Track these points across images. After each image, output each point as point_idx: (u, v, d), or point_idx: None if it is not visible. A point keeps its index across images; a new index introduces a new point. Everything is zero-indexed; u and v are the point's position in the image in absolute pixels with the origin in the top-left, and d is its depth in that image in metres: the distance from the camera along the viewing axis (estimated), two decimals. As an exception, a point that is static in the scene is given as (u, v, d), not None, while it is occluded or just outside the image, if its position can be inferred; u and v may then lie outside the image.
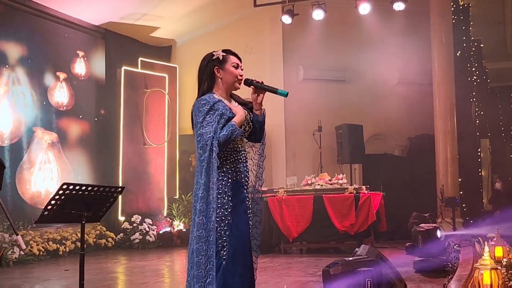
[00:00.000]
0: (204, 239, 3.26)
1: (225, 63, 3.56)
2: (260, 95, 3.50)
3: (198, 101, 3.41)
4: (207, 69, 3.57)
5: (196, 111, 3.37)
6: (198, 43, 12.38)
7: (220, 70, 3.55)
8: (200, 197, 3.30)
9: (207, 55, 3.65)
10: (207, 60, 3.61)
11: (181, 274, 7.95)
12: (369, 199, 8.92)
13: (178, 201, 11.48)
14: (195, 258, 3.30)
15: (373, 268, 4.11)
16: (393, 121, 12.13)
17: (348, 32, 11.73)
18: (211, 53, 3.61)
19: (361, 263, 4.17)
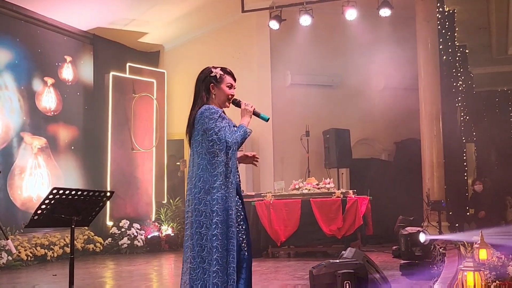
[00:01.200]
0: (224, 235, 3.58)
1: (221, 82, 3.88)
2: (244, 115, 3.91)
3: (207, 110, 3.70)
4: (204, 83, 3.87)
5: (206, 119, 3.67)
6: (186, 49, 12.45)
7: (215, 87, 3.86)
8: (215, 199, 3.62)
9: (206, 69, 3.92)
10: (206, 75, 3.89)
11: (169, 279, 7.99)
12: (356, 203, 9.01)
13: (166, 206, 11.51)
14: (214, 255, 3.56)
15: (353, 270, 4.15)
16: (379, 126, 12.24)
17: (335, 37, 11.83)
18: (210, 69, 3.89)
19: (343, 265, 4.22)
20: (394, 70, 11.97)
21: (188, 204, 3.77)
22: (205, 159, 3.70)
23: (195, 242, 3.66)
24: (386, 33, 11.45)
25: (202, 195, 3.66)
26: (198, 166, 3.71)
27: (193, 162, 3.77)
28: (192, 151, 3.80)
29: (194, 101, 3.90)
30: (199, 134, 3.74)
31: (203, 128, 3.70)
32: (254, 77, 11.59)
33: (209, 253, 3.61)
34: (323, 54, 11.85)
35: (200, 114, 3.72)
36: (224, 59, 11.97)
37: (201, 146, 3.72)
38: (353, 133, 11.40)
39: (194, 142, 3.77)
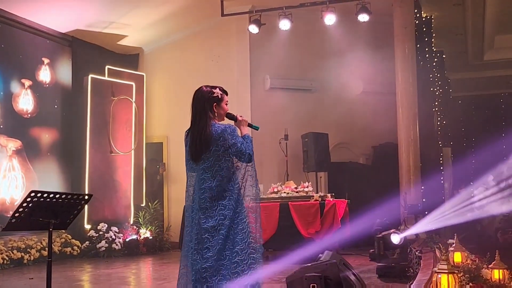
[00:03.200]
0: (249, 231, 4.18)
1: (221, 101, 4.30)
2: (243, 126, 4.40)
3: (228, 128, 4.18)
4: (208, 103, 4.25)
5: (229, 135, 4.13)
6: (165, 52, 12.44)
7: (217, 106, 4.27)
8: (243, 208, 4.20)
9: (207, 91, 4.29)
10: (208, 95, 4.27)
11: (147, 282, 7.98)
12: (334, 207, 9.06)
13: (144, 209, 11.48)
14: (248, 250, 4.08)
15: (320, 272, 4.17)
16: (357, 130, 12.33)
17: (314, 42, 11.92)
18: (211, 90, 4.29)
19: (313, 268, 4.24)
20: (372, 75, 12.09)
21: (204, 211, 4.11)
22: (227, 170, 4.15)
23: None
24: (365, 38, 11.56)
25: (222, 201, 4.10)
26: (219, 177, 4.12)
27: (209, 174, 4.14)
28: (209, 164, 4.15)
29: (198, 117, 4.23)
30: (221, 150, 4.13)
31: (227, 143, 4.12)
32: (233, 81, 11.61)
33: (241, 252, 4.08)
34: (302, 59, 11.93)
35: (222, 132, 4.14)
36: (203, 62, 12.02)
37: (224, 159, 4.15)
38: (331, 137, 11.47)
39: (211, 157, 4.14)
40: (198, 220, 4.12)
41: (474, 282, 4.93)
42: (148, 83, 12.22)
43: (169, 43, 12.37)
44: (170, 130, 12.12)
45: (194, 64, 12.15)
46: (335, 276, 4.15)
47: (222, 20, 11.32)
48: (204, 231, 4.07)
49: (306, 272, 4.31)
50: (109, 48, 11.93)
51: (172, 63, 12.36)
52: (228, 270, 3.99)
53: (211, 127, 4.16)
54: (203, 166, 4.16)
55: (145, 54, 12.59)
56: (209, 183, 4.11)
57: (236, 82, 11.68)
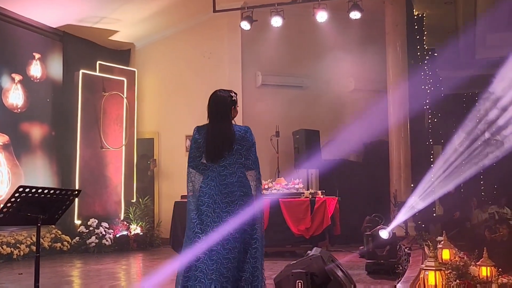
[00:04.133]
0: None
1: (236, 104, 4.66)
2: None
3: (249, 128, 4.59)
4: (229, 105, 4.58)
5: (250, 135, 4.53)
6: (157, 47, 12.42)
7: (234, 109, 4.63)
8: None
9: (227, 94, 4.63)
10: (229, 97, 4.61)
11: (137, 278, 7.98)
12: (325, 204, 9.09)
13: (135, 204, 11.46)
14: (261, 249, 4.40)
15: (305, 268, 4.17)
16: (349, 127, 12.34)
17: (306, 39, 11.93)
18: (230, 93, 4.63)
19: (298, 264, 4.24)
20: (363, 72, 12.12)
21: (223, 206, 4.37)
22: (247, 167, 4.50)
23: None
24: (356, 35, 11.59)
25: (244, 196, 4.41)
26: (240, 173, 4.46)
27: (229, 171, 4.43)
28: (231, 161, 4.45)
29: (220, 118, 4.50)
30: (243, 148, 4.48)
31: (251, 143, 4.51)
32: (224, 77, 11.62)
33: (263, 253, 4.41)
34: (294, 55, 11.94)
35: (245, 132, 4.51)
36: (195, 58, 12.01)
37: (246, 158, 4.49)
38: (322, 134, 11.50)
39: (235, 154, 4.46)
40: (219, 214, 4.34)
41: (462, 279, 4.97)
42: (140, 78, 12.20)
43: (161, 39, 12.35)
44: (161, 126, 12.13)
45: (185, 60, 12.14)
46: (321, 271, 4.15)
47: (214, 16, 11.31)
48: (225, 224, 4.32)
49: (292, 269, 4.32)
50: (100, 44, 11.88)
51: (163, 59, 12.34)
52: (249, 264, 4.30)
53: (233, 127, 4.50)
54: (225, 163, 4.43)
55: (137, 49, 12.56)
56: (231, 179, 4.40)
57: (228, 78, 11.67)
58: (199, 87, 11.83)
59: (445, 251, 5.99)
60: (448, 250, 6.02)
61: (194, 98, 11.87)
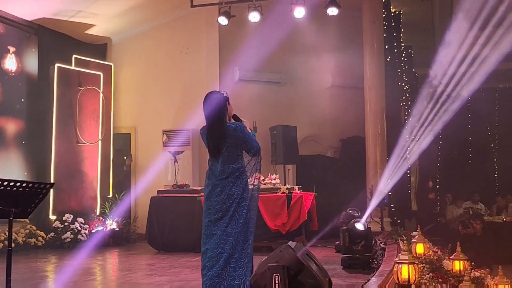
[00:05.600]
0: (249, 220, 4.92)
1: (229, 101, 4.93)
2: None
3: (241, 125, 4.86)
4: (222, 104, 4.85)
5: (241, 132, 4.81)
6: (134, 42, 12.33)
7: (228, 106, 4.91)
8: (244, 188, 4.83)
9: (219, 94, 4.90)
10: (221, 97, 4.88)
11: (112, 273, 7.93)
12: (301, 199, 9.12)
13: (111, 200, 11.38)
14: (249, 251, 4.74)
15: (278, 261, 4.16)
16: (326, 123, 12.41)
17: (284, 35, 11.87)
18: (221, 93, 4.90)
19: (271, 258, 4.24)
20: (341, 68, 12.18)
21: (218, 195, 4.77)
22: (238, 163, 4.84)
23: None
24: (334, 32, 11.63)
25: (235, 187, 4.77)
26: (232, 169, 4.80)
27: (222, 167, 4.80)
28: (223, 158, 4.81)
29: (215, 119, 4.81)
30: (233, 145, 4.80)
31: (240, 139, 4.80)
32: (202, 73, 11.60)
33: (247, 250, 4.73)
34: (271, 51, 11.89)
35: (234, 130, 4.80)
36: (172, 53, 11.96)
37: (237, 154, 4.84)
38: (300, 129, 11.53)
39: (225, 151, 4.80)
40: (212, 207, 4.79)
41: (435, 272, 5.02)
42: (116, 73, 12.10)
43: (138, 34, 12.26)
44: (138, 121, 12.06)
45: (163, 55, 12.08)
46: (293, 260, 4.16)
47: (191, 11, 11.26)
48: (216, 211, 4.75)
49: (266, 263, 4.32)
50: (76, 37, 11.75)
51: (140, 53, 12.26)
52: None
53: (226, 125, 4.81)
54: (221, 159, 4.82)
55: (113, 44, 12.45)
56: (223, 176, 4.79)
57: (205, 73, 11.65)
58: (176, 82, 11.80)
59: (419, 245, 6.06)
60: (422, 244, 6.09)
61: (171, 93, 11.84)
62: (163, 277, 6.72)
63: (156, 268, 7.56)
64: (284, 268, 4.06)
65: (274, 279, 4.12)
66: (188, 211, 9.41)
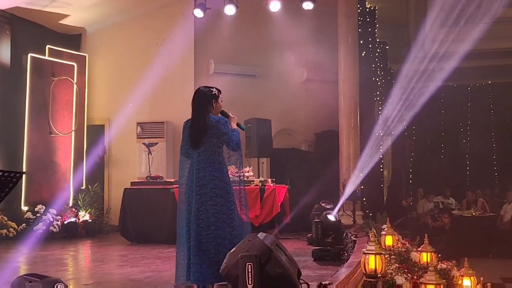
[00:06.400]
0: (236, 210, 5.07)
1: (218, 98, 5.12)
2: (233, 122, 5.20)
3: (222, 119, 5.05)
4: (208, 99, 5.08)
5: (223, 126, 4.99)
6: (109, 33, 12.25)
7: (215, 103, 5.10)
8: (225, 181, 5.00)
9: (207, 89, 5.15)
10: (208, 92, 5.11)
11: (84, 263, 7.92)
12: (274, 192, 9.18)
13: (84, 191, 11.33)
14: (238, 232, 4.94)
15: (248, 250, 4.17)
16: (300, 117, 12.49)
17: (259, 28, 11.95)
18: (210, 89, 5.13)
19: (240, 248, 4.25)
20: (316, 63, 12.25)
21: (198, 189, 4.92)
22: (218, 154, 5.01)
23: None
24: (309, 26, 11.66)
25: (215, 180, 4.94)
26: (211, 159, 4.97)
27: (204, 156, 4.97)
28: (204, 149, 4.97)
29: (198, 111, 5.05)
30: (214, 137, 4.97)
31: (220, 132, 4.97)
32: (177, 65, 11.55)
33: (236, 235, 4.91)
34: (247, 44, 11.96)
35: (217, 122, 4.99)
36: (147, 45, 11.90)
37: (217, 145, 4.99)
38: (274, 123, 11.56)
39: (207, 142, 4.97)
40: (195, 197, 4.92)
41: (401, 263, 5.12)
42: (91, 64, 12.02)
43: (113, 24, 12.18)
44: (112, 112, 11.98)
45: (138, 46, 12.01)
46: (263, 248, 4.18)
47: (167, 2, 11.27)
48: (200, 205, 4.90)
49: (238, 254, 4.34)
50: (50, 27, 11.63)
51: (115, 45, 12.18)
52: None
53: (209, 118, 4.98)
54: (199, 151, 4.97)
55: (88, 34, 12.35)
56: (203, 165, 4.94)
57: (180, 66, 11.61)
58: (151, 74, 11.71)
59: (388, 237, 6.15)
60: (391, 236, 6.19)
61: (146, 86, 11.76)
62: (135, 268, 6.73)
63: (128, 259, 7.57)
64: (257, 257, 4.08)
65: (247, 269, 4.12)
66: (161, 202, 9.42)
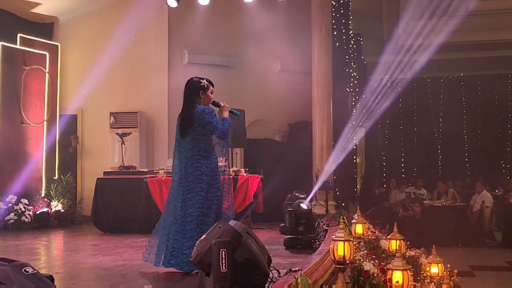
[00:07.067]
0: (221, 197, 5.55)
1: (207, 90, 5.45)
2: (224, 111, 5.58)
3: (206, 109, 5.34)
4: (195, 90, 5.41)
5: (208, 115, 5.28)
6: (82, 22, 12.13)
7: (203, 94, 5.43)
8: (209, 169, 5.32)
9: (196, 80, 5.47)
10: (196, 83, 5.45)
11: (57, 253, 7.89)
12: (247, 182, 9.22)
13: (57, 181, 11.24)
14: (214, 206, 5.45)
15: (220, 236, 4.19)
16: (274, 107, 12.53)
17: (234, 18, 11.95)
18: (199, 80, 5.45)
19: (212, 235, 4.28)
20: (290, 54, 12.29)
21: (187, 176, 5.30)
22: (203, 143, 5.31)
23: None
24: (283, 16, 11.71)
25: (201, 167, 5.27)
26: (198, 148, 5.29)
27: (191, 145, 5.30)
28: (191, 138, 5.29)
29: (186, 102, 5.39)
30: (199, 126, 5.26)
31: (205, 121, 5.24)
32: (150, 55, 11.54)
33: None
34: (221, 35, 11.95)
35: (201, 112, 5.27)
36: (120, 35, 11.78)
37: (202, 135, 5.28)
38: (248, 113, 11.54)
39: (193, 132, 5.27)
40: (184, 185, 5.29)
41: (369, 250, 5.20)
42: (63, 53, 11.89)
43: (86, 14, 12.05)
44: (85, 102, 11.86)
45: (111, 36, 11.86)
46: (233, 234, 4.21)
47: (141, -8, 11.17)
48: (187, 192, 5.26)
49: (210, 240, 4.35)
50: (21, 16, 11.48)
51: (88, 34, 12.06)
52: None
53: (195, 108, 5.27)
54: (187, 140, 5.28)
55: (60, 23, 12.20)
56: (191, 153, 5.26)
57: (153, 55, 11.60)
58: (125, 64, 11.67)
59: (358, 225, 6.24)
60: (361, 225, 6.28)
61: (119, 75, 11.72)
62: (107, 257, 6.73)
63: (101, 249, 7.56)
64: (230, 243, 4.11)
65: (221, 255, 4.13)
66: (134, 192, 9.41)
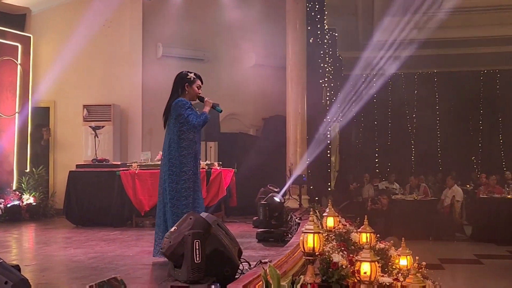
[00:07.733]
0: (192, 189, 5.62)
1: (193, 83, 5.63)
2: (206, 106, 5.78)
3: (180, 101, 5.50)
4: (181, 82, 5.60)
5: (180, 107, 5.45)
6: (55, 14, 12.00)
7: (189, 87, 5.61)
8: (183, 163, 5.54)
9: (184, 73, 5.67)
10: (183, 76, 5.64)
11: (28, 245, 7.83)
12: (220, 175, 9.23)
13: (28, 174, 11.12)
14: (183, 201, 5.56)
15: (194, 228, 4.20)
16: (248, 102, 12.55)
17: (208, 12, 11.94)
18: (187, 73, 5.64)
19: (185, 226, 4.28)
20: (264, 48, 12.32)
21: (164, 167, 5.65)
22: (175, 134, 5.48)
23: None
24: (258, 11, 11.72)
25: (172, 159, 5.51)
26: (171, 140, 5.50)
27: (168, 136, 5.55)
28: (167, 129, 5.56)
29: (171, 93, 5.58)
30: (173, 118, 5.45)
31: (176, 113, 5.42)
32: (124, 47, 11.48)
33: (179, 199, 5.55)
34: (196, 28, 11.92)
35: (175, 104, 5.43)
36: (95, 27, 11.68)
37: (174, 126, 5.45)
38: (222, 107, 11.52)
39: (169, 123, 5.50)
40: (163, 177, 5.67)
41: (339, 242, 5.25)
42: (36, 45, 11.74)
43: (59, 5, 11.92)
44: (58, 95, 11.77)
45: (85, 28, 11.72)
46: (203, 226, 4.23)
47: (115, -16, 11.09)
48: (165, 184, 5.59)
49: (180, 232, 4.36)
50: (-7, 6, 11.34)
51: (62, 26, 11.92)
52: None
53: (174, 100, 5.46)
54: (166, 131, 5.57)
55: (33, 15, 12.04)
56: (167, 145, 5.52)
57: (128, 48, 11.54)
58: (98, 57, 11.60)
59: (329, 218, 6.28)
60: (332, 218, 6.31)
61: (93, 68, 11.64)
62: (78, 249, 6.70)
63: (72, 241, 7.52)
64: (204, 234, 4.13)
65: (195, 245, 4.13)
66: (107, 185, 9.36)
